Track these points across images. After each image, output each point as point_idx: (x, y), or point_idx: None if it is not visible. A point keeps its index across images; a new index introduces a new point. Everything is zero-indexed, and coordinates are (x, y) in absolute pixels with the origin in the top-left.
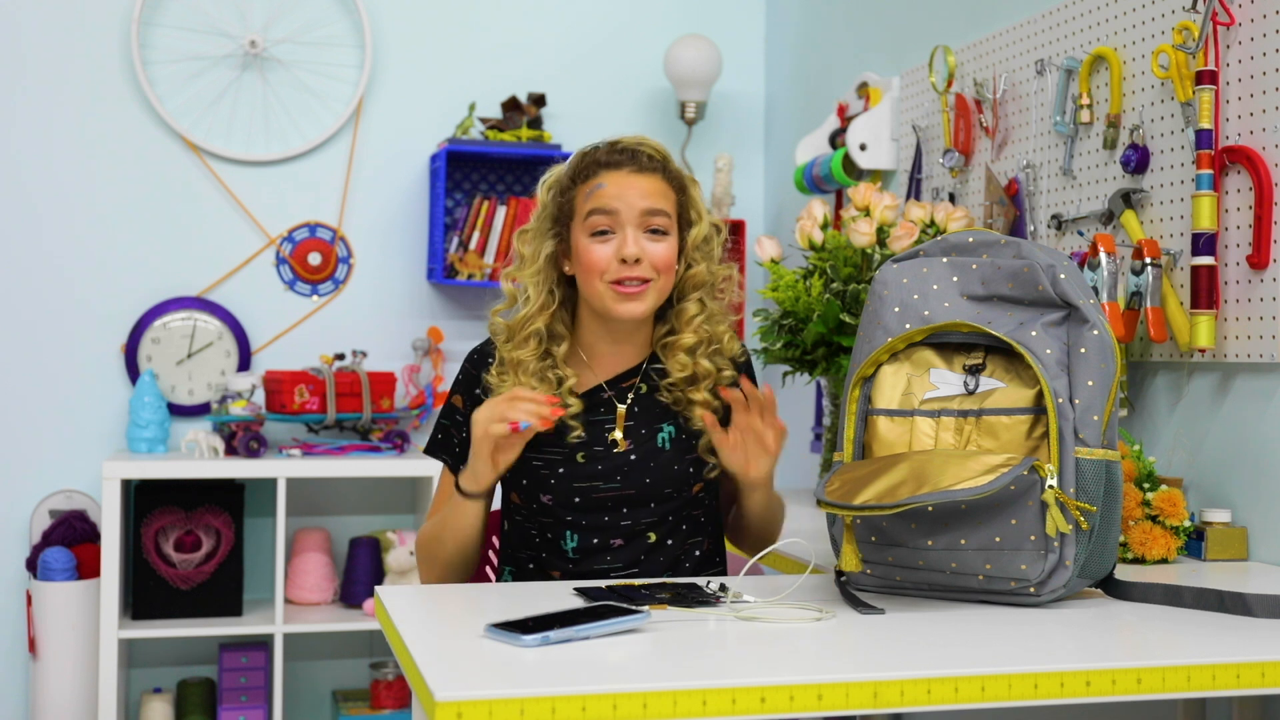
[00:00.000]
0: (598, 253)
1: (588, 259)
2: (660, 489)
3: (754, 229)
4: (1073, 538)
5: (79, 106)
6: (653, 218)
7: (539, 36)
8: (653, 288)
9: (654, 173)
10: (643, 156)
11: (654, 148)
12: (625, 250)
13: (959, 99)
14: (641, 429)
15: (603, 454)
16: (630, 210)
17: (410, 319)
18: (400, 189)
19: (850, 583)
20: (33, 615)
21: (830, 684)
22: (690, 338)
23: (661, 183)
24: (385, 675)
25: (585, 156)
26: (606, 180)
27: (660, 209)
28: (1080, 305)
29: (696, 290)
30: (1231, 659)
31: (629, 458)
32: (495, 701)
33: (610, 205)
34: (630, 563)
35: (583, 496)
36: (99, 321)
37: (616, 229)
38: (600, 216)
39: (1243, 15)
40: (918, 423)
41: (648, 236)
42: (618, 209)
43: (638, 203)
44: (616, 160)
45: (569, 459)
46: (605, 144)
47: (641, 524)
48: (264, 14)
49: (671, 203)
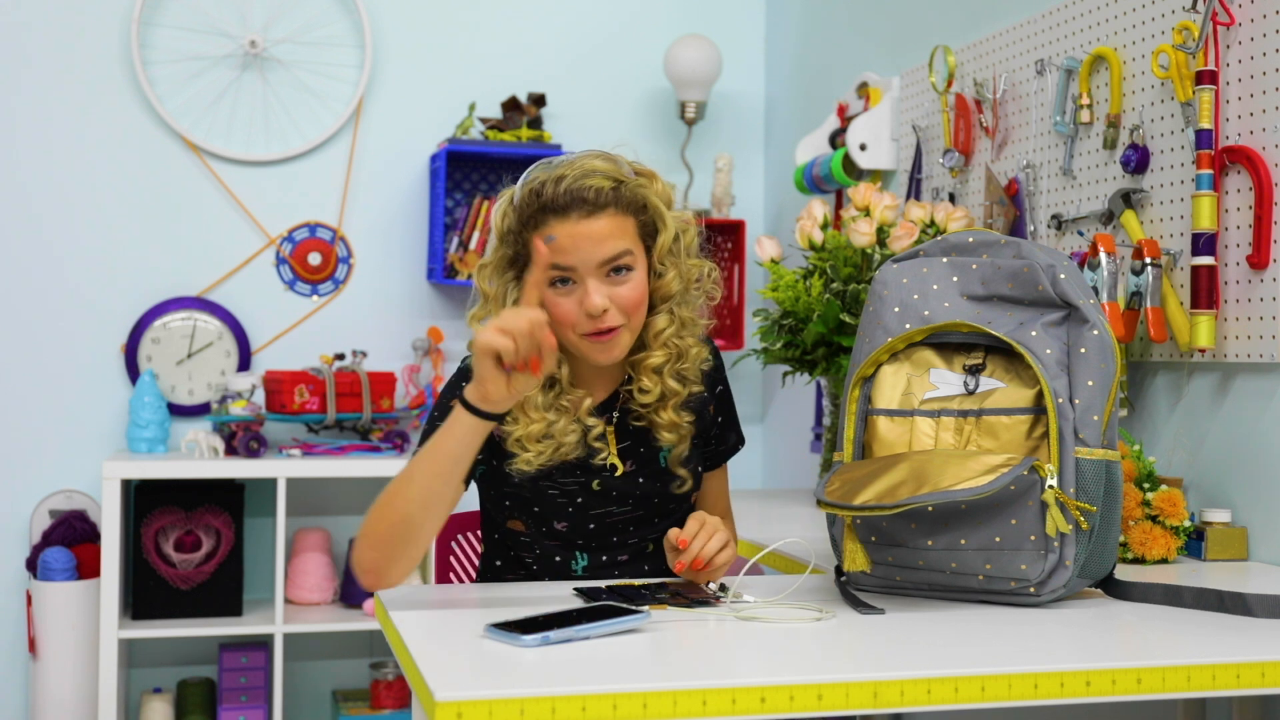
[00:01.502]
0: (564, 307)
1: (557, 313)
2: (665, 506)
3: (754, 229)
4: (1073, 538)
5: (79, 106)
6: (613, 260)
7: (539, 36)
8: (625, 330)
9: (605, 209)
10: (589, 193)
11: (602, 173)
12: (589, 305)
13: (959, 99)
14: (640, 448)
15: (612, 479)
16: (587, 263)
17: (410, 319)
18: (400, 189)
19: (850, 583)
20: (33, 615)
21: (830, 684)
22: (658, 356)
23: (615, 218)
24: (385, 675)
25: (533, 195)
26: (558, 231)
27: (619, 251)
28: (1080, 305)
29: (666, 301)
30: (1231, 659)
31: (637, 480)
32: (495, 701)
33: (567, 260)
34: (633, 574)
35: (597, 523)
36: (99, 321)
37: (578, 280)
38: (559, 270)
39: (1243, 15)
40: (918, 423)
41: (610, 280)
42: (574, 264)
43: (594, 252)
44: (564, 206)
45: (585, 488)
46: (551, 179)
47: (648, 539)
48: (264, 14)
49: (630, 232)
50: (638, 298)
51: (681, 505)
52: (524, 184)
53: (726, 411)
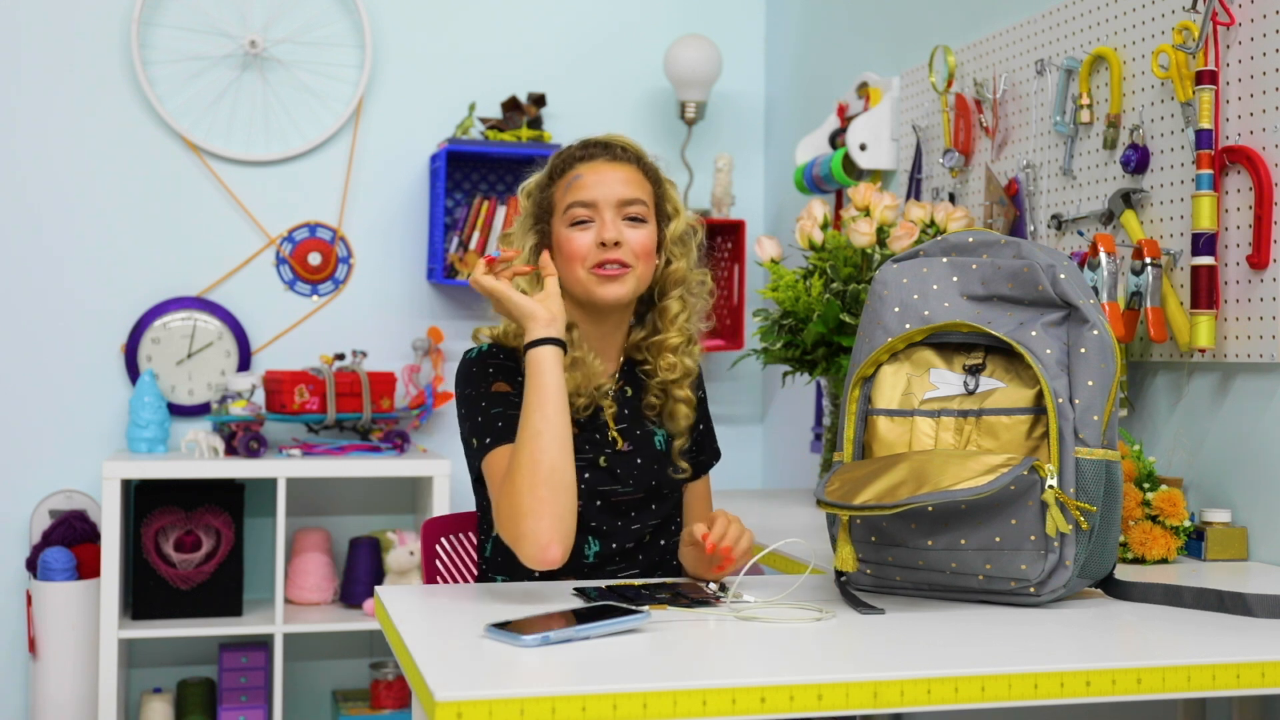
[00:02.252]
0: (578, 241)
1: (569, 248)
2: (661, 489)
3: (754, 229)
4: (1073, 538)
5: (79, 106)
6: (630, 206)
7: (539, 36)
8: (632, 274)
9: (629, 163)
10: (616, 149)
11: (627, 142)
12: (604, 234)
13: (959, 99)
14: (636, 430)
15: (615, 456)
16: (608, 198)
17: (410, 319)
18: (400, 189)
19: (850, 583)
20: (33, 615)
21: (830, 684)
22: (676, 337)
23: (637, 173)
24: (385, 675)
25: (561, 154)
26: (583, 171)
27: (637, 197)
28: (1080, 305)
29: (677, 287)
30: (1231, 659)
31: (636, 460)
32: (495, 701)
33: (588, 195)
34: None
35: (604, 500)
36: (99, 321)
37: (595, 218)
38: (579, 208)
39: (1243, 15)
40: (918, 423)
41: (626, 224)
42: (595, 199)
43: (615, 190)
44: (591, 153)
45: (593, 464)
46: (579, 142)
47: (649, 526)
48: (264, 14)
49: (648, 193)
50: (649, 246)
51: (675, 491)
52: (552, 155)
53: (705, 419)
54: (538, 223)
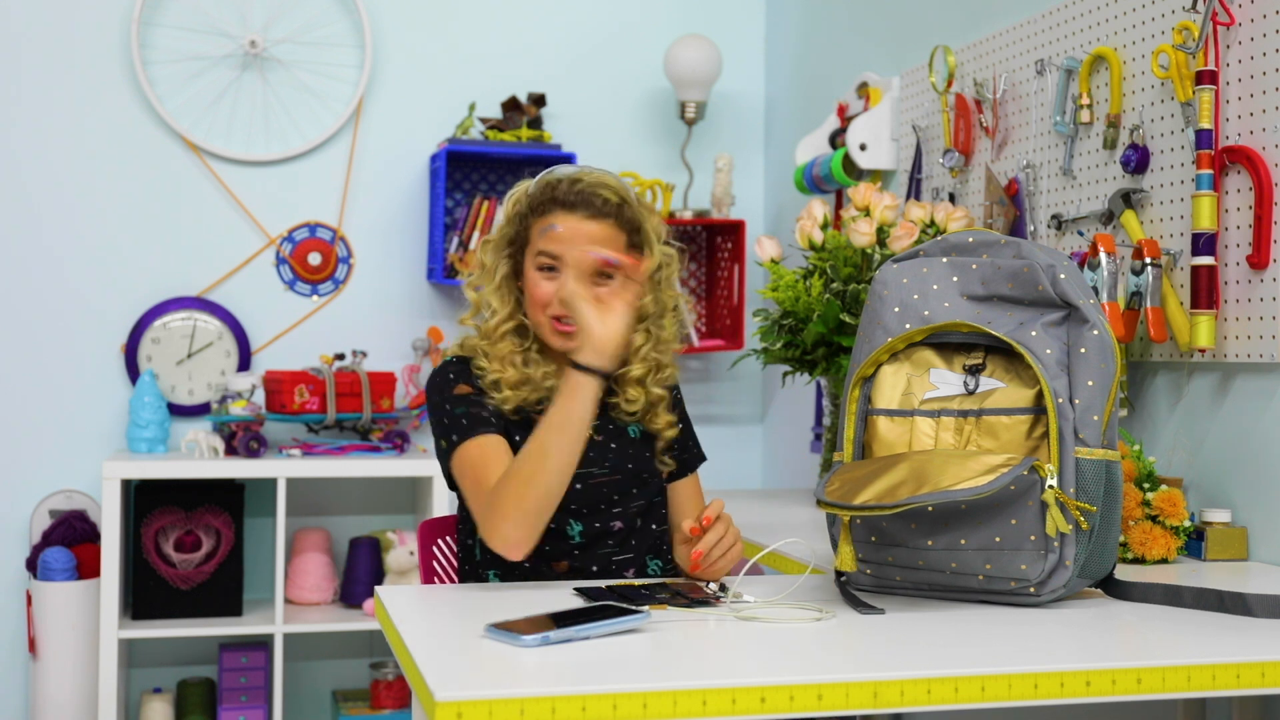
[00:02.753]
0: (543, 288)
1: (534, 292)
2: (640, 473)
3: (754, 229)
4: (1073, 538)
5: (79, 106)
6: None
7: (539, 37)
8: None
9: (607, 218)
10: (597, 200)
11: (613, 189)
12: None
13: (959, 99)
14: (610, 425)
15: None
16: None
17: (410, 319)
18: (400, 189)
19: (850, 583)
20: (33, 615)
21: (830, 684)
22: (639, 369)
23: (613, 229)
24: (385, 675)
25: (545, 187)
26: (560, 221)
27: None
28: (1080, 305)
29: (643, 321)
30: (1231, 659)
31: (610, 446)
32: (495, 701)
33: (560, 250)
34: (625, 546)
35: (583, 483)
36: (99, 321)
37: (562, 270)
38: (548, 258)
39: (1243, 15)
40: (918, 423)
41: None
42: (564, 256)
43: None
44: (572, 202)
45: None
46: (568, 178)
47: (632, 509)
48: (264, 14)
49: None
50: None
51: (655, 477)
52: (542, 178)
53: (683, 419)
54: (511, 245)
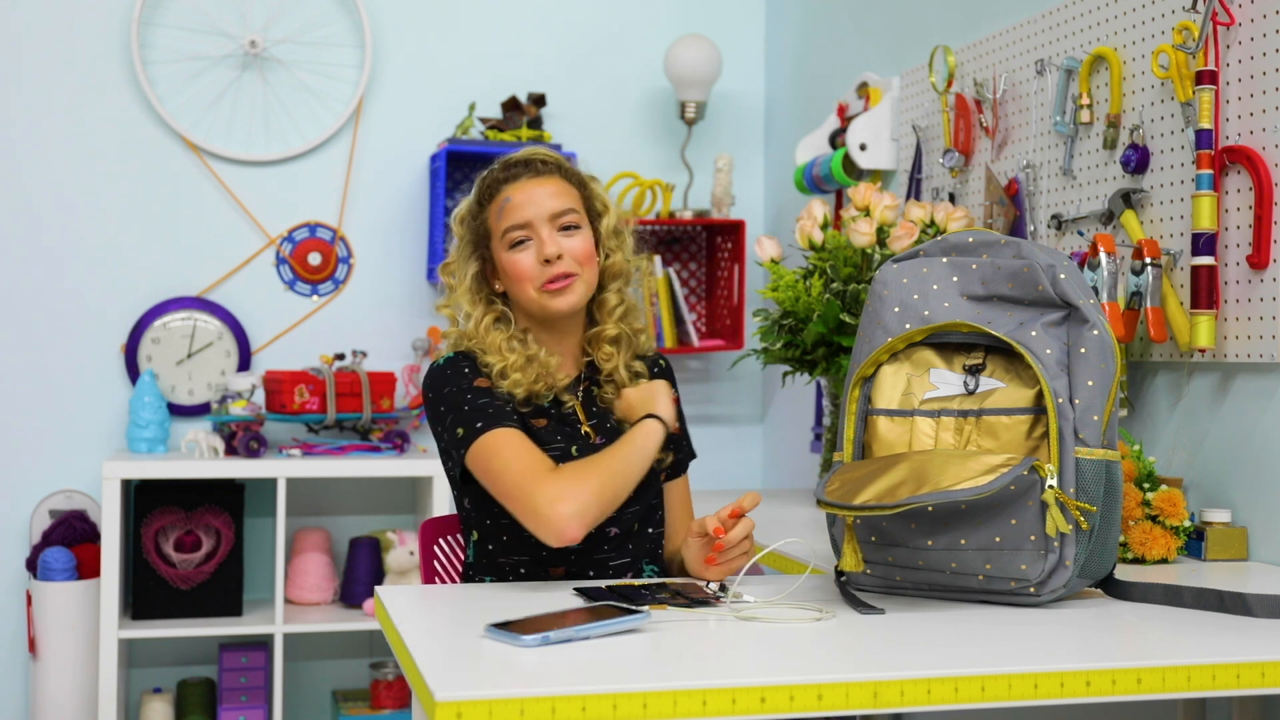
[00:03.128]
0: (523, 263)
1: (515, 271)
2: None
3: (754, 229)
4: (1073, 538)
5: (79, 106)
6: (562, 216)
7: (539, 36)
8: (580, 280)
9: (551, 175)
10: (536, 163)
11: (546, 154)
12: (545, 251)
13: (959, 99)
14: (605, 424)
15: (588, 448)
16: (540, 215)
17: (410, 319)
18: (400, 189)
19: (850, 583)
20: (33, 615)
21: (830, 684)
22: (612, 329)
23: (562, 182)
24: (385, 675)
25: (484, 180)
26: (511, 193)
27: (568, 207)
28: (1080, 305)
29: (615, 280)
30: (1231, 659)
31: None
32: (495, 701)
33: (521, 216)
34: (622, 551)
35: None
36: (99, 321)
37: (533, 235)
38: (515, 230)
39: (1243, 15)
40: (918, 423)
41: (562, 234)
42: (529, 218)
43: (545, 205)
44: (515, 173)
45: (566, 454)
46: (500, 163)
47: (628, 513)
48: (264, 14)
49: (576, 199)
50: (588, 250)
51: (651, 484)
52: (476, 181)
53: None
54: (476, 249)
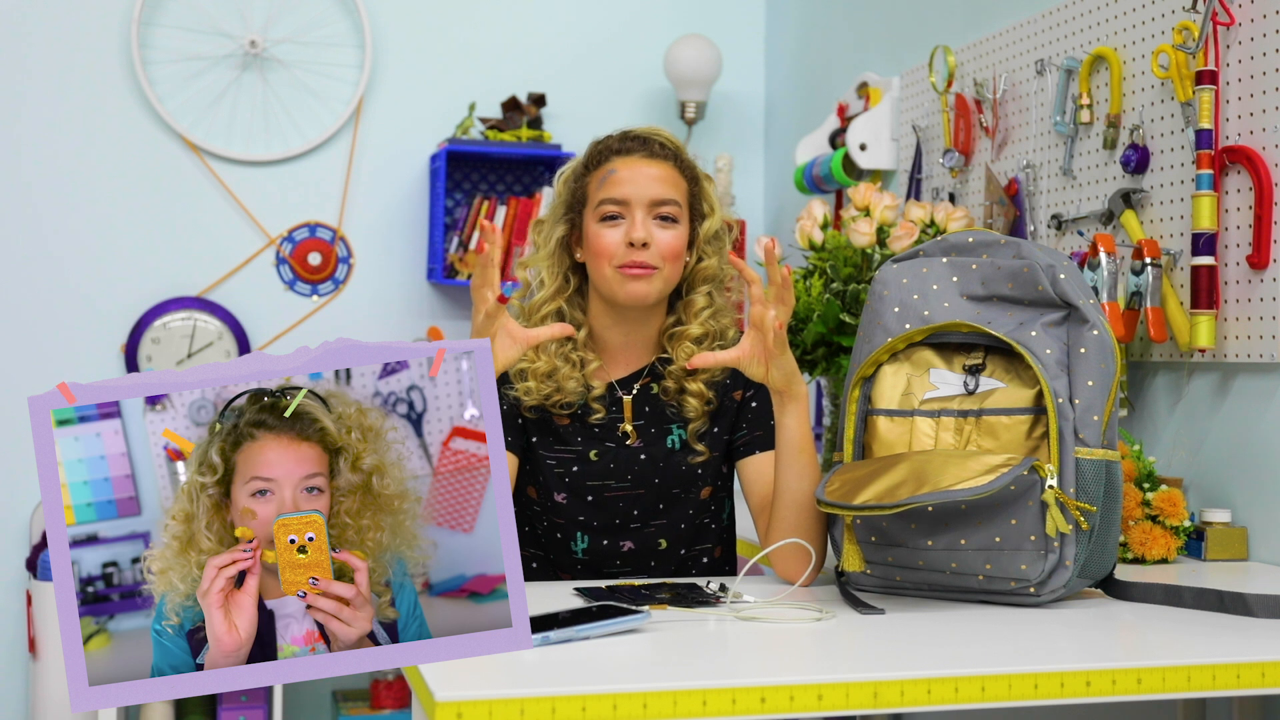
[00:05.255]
0: (607, 238)
1: (597, 244)
2: (669, 489)
3: (754, 229)
4: (1073, 538)
5: (79, 106)
6: (662, 206)
7: (539, 36)
8: (659, 275)
9: (666, 160)
10: (655, 144)
11: (667, 138)
12: (633, 234)
13: (959, 99)
14: (651, 428)
15: (614, 451)
16: (640, 197)
17: (410, 319)
18: (400, 189)
19: (850, 583)
20: (33, 615)
21: (830, 684)
22: (697, 329)
23: (673, 171)
24: (385, 675)
25: (598, 144)
26: (618, 166)
27: (670, 198)
28: (1080, 305)
29: (706, 284)
30: (1231, 659)
31: (639, 456)
32: (495, 701)
33: (620, 192)
34: (639, 569)
35: (595, 495)
36: (99, 321)
37: (626, 215)
38: (611, 205)
39: (1243, 15)
40: (918, 423)
41: (657, 224)
42: (628, 196)
43: (648, 189)
44: (629, 147)
45: (583, 457)
46: (619, 132)
47: (651, 526)
48: (264, 14)
49: (683, 192)
50: (678, 248)
51: (688, 493)
52: (591, 142)
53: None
54: (569, 211)
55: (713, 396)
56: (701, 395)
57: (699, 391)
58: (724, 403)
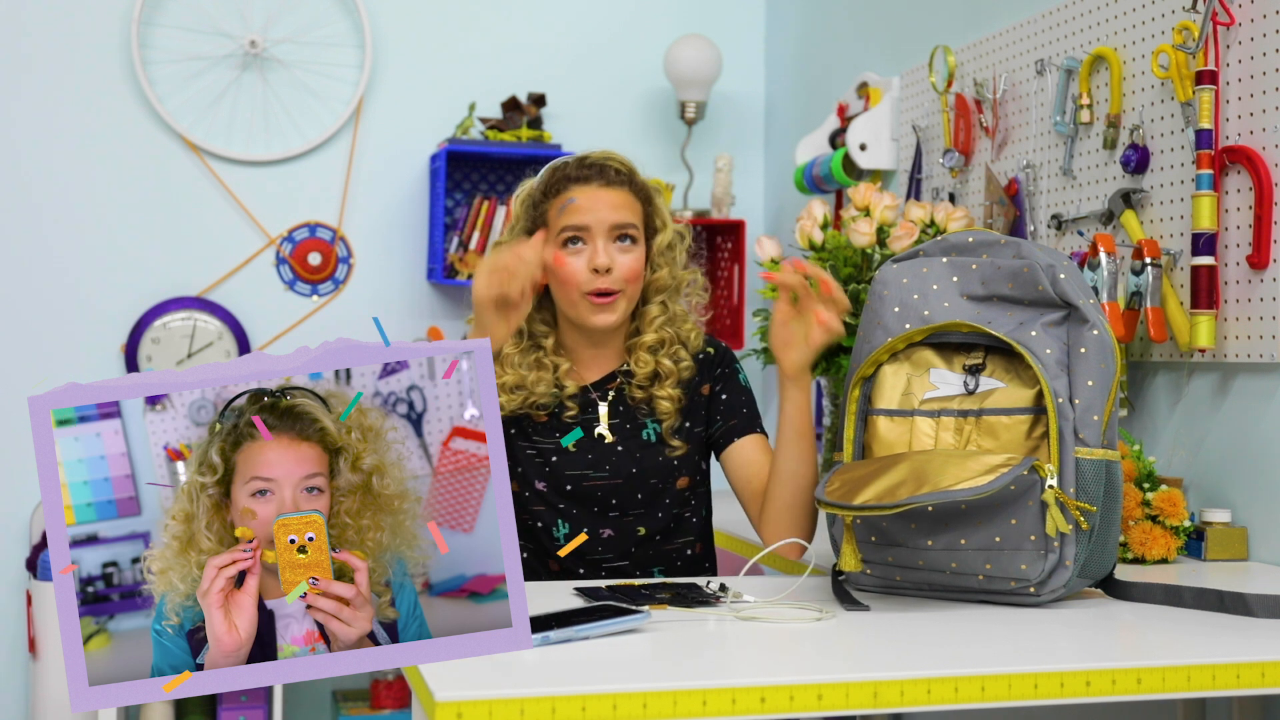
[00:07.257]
0: (571, 266)
1: (563, 272)
2: (646, 479)
3: (754, 229)
4: (1073, 538)
5: (79, 106)
6: (621, 229)
7: (539, 36)
8: (623, 297)
9: (621, 186)
10: (610, 171)
11: (621, 161)
12: (596, 261)
13: (959, 99)
14: (626, 424)
15: (590, 445)
16: (600, 224)
17: (410, 319)
18: (400, 189)
19: (850, 582)
20: (33, 615)
21: (830, 684)
22: (651, 337)
23: (629, 195)
24: (385, 675)
25: (555, 171)
26: (577, 194)
27: (628, 221)
28: (1080, 305)
29: (659, 294)
30: (1231, 659)
31: (616, 449)
32: (495, 701)
33: (581, 220)
34: (620, 554)
35: (574, 485)
36: (99, 321)
37: (588, 240)
38: (572, 231)
39: (1243, 15)
40: (918, 423)
41: (617, 247)
42: (588, 223)
43: (607, 216)
44: (585, 175)
45: (561, 449)
46: (574, 159)
47: (630, 515)
48: (264, 14)
49: (638, 214)
50: (638, 269)
51: (666, 483)
52: (547, 168)
53: (732, 391)
54: (529, 234)
55: (681, 395)
56: (671, 397)
57: (666, 395)
58: (693, 399)
